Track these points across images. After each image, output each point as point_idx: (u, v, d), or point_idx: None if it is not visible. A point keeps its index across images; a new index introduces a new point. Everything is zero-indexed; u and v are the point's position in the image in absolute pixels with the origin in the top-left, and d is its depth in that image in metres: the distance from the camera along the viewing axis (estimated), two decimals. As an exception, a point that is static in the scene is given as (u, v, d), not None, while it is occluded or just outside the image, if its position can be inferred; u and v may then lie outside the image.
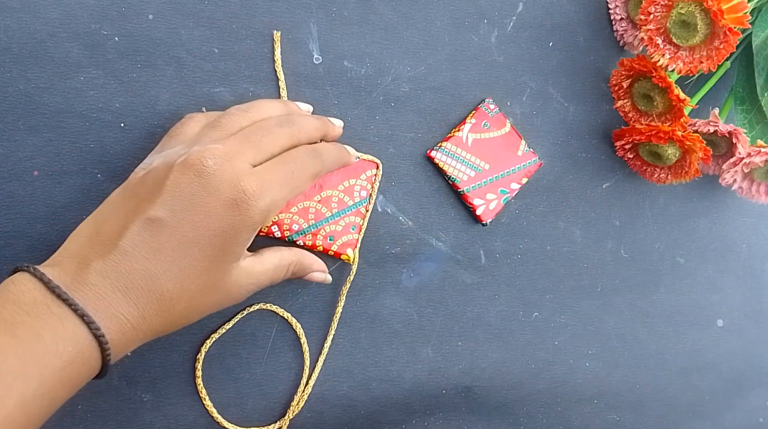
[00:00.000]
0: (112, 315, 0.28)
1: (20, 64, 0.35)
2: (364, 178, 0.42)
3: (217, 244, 0.30)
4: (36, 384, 0.25)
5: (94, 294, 0.28)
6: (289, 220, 0.40)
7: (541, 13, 0.48)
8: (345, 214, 0.42)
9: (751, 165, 0.47)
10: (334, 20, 0.42)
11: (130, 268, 0.29)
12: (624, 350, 0.54)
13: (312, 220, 0.40)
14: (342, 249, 0.42)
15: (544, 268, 0.50)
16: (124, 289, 0.28)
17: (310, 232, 0.41)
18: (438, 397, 0.47)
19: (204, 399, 0.40)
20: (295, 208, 0.40)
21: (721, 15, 0.39)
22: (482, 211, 0.46)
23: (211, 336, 0.40)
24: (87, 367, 0.27)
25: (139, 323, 0.29)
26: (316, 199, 0.41)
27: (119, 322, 0.28)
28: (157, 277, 0.29)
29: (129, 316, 0.28)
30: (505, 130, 0.47)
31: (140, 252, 0.29)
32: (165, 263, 0.29)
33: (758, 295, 0.61)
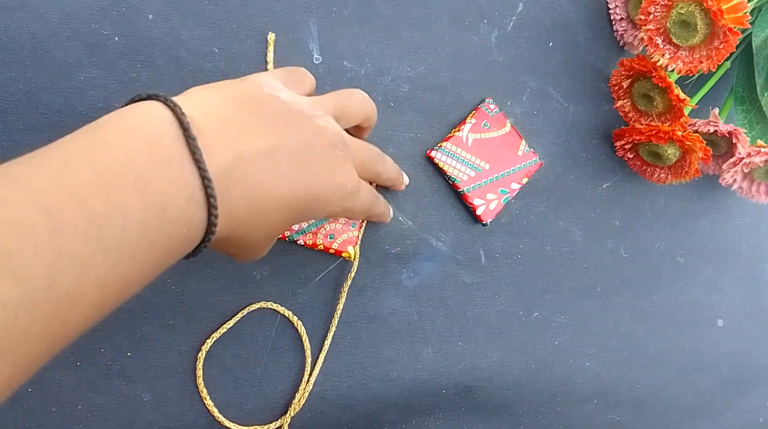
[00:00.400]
0: (229, 210, 0.26)
1: (20, 63, 0.35)
2: None
3: (309, 205, 0.30)
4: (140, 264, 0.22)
5: (223, 176, 0.25)
6: None
7: (541, 13, 0.48)
8: None
9: (751, 165, 0.47)
10: (334, 20, 0.42)
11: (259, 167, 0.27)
12: (624, 350, 0.54)
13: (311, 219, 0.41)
14: (342, 246, 0.42)
15: (544, 268, 0.50)
16: (247, 189, 0.26)
17: (310, 232, 0.41)
18: (438, 396, 0.47)
19: (205, 399, 0.40)
20: None
21: (720, 15, 0.39)
22: (482, 211, 0.46)
23: (211, 335, 0.40)
24: (183, 251, 0.25)
25: (237, 228, 0.27)
26: None
27: (230, 218, 0.26)
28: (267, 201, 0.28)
29: (238, 217, 0.27)
30: (505, 130, 0.47)
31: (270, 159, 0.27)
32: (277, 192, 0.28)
33: (758, 295, 0.61)
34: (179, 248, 0.24)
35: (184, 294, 0.40)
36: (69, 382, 0.38)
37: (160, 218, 0.22)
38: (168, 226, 0.23)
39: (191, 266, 0.40)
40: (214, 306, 0.41)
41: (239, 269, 0.41)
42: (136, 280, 0.23)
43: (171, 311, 0.40)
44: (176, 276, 0.39)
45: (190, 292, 0.40)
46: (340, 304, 0.43)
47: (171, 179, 0.23)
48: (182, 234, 0.24)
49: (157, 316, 0.39)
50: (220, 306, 0.41)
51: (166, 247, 0.23)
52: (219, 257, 0.40)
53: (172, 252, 0.24)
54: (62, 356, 0.37)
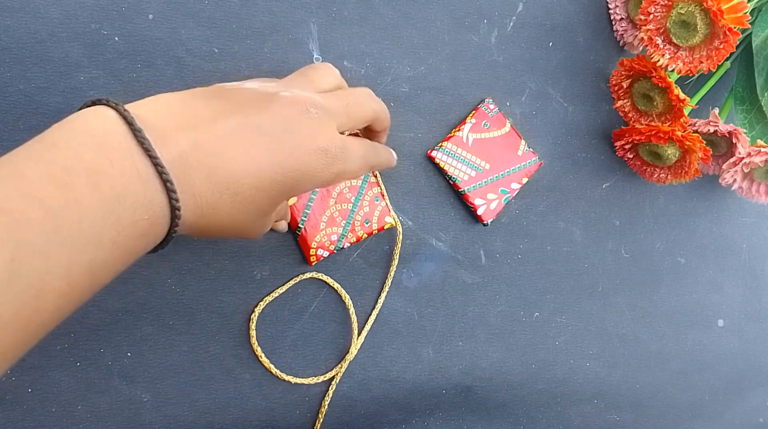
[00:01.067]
0: (192, 194, 0.26)
1: (20, 63, 0.35)
2: None
3: (296, 180, 0.30)
4: (107, 252, 0.23)
5: (181, 163, 0.25)
6: (325, 237, 0.41)
7: (541, 13, 0.48)
8: (362, 193, 0.42)
9: (751, 165, 0.47)
10: (334, 20, 0.42)
11: (222, 152, 0.27)
12: (624, 350, 0.54)
13: (341, 221, 0.41)
14: (381, 222, 0.43)
15: (544, 268, 0.50)
16: (210, 172, 0.26)
17: (348, 232, 0.42)
18: (438, 396, 0.47)
19: (260, 357, 0.41)
20: (322, 223, 0.41)
21: (721, 15, 0.39)
22: (483, 210, 0.46)
23: (264, 298, 0.41)
24: (153, 239, 0.25)
25: (209, 213, 0.27)
26: (332, 202, 0.41)
27: (196, 202, 0.26)
28: (240, 176, 0.27)
29: (205, 200, 0.26)
30: (505, 130, 0.47)
31: (234, 140, 0.27)
32: (252, 168, 0.28)
33: (758, 295, 0.61)
34: (148, 235, 0.25)
35: (184, 294, 0.40)
36: (69, 383, 0.37)
37: (118, 207, 0.23)
38: (128, 214, 0.23)
39: (191, 266, 0.40)
40: (214, 306, 0.41)
41: (239, 269, 0.41)
42: (106, 267, 0.23)
43: (171, 311, 0.40)
44: (176, 276, 0.39)
45: (190, 292, 0.40)
46: (393, 267, 0.44)
47: (123, 170, 0.23)
48: (145, 220, 0.24)
49: (157, 317, 0.39)
50: (220, 306, 0.41)
51: (131, 234, 0.24)
52: (219, 257, 0.40)
53: (140, 239, 0.24)
54: (62, 356, 0.37)
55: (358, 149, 0.34)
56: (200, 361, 0.40)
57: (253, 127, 0.28)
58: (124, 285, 0.38)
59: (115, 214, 0.23)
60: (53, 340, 0.37)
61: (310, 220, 0.41)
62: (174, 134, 0.26)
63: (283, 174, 0.29)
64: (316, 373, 0.43)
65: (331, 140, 0.31)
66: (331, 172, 0.32)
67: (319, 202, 0.41)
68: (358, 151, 0.34)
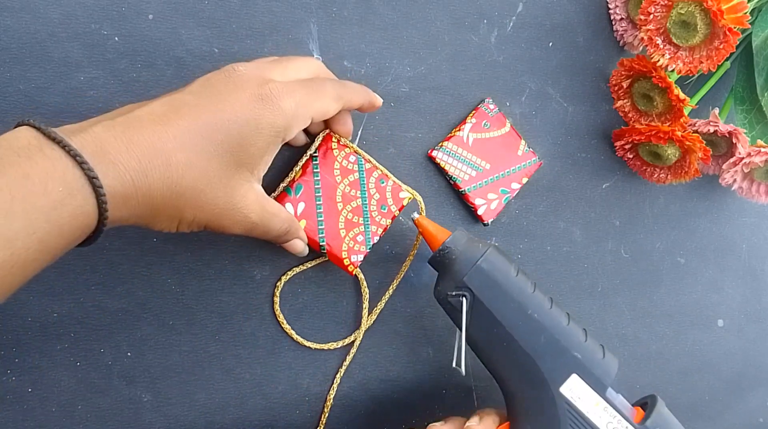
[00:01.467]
0: (110, 162, 0.26)
1: (20, 63, 0.35)
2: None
3: (235, 134, 0.30)
4: (21, 221, 0.24)
5: (93, 140, 0.26)
6: (351, 242, 0.40)
7: (541, 13, 0.48)
8: (365, 183, 0.41)
9: (751, 165, 0.47)
10: (334, 20, 0.42)
11: (139, 126, 0.28)
12: (624, 350, 0.54)
13: (359, 219, 0.40)
14: (398, 201, 0.41)
15: (544, 268, 0.50)
16: (127, 142, 0.27)
17: (370, 226, 0.41)
18: (438, 396, 0.47)
19: (282, 323, 0.42)
20: (341, 231, 0.40)
21: (720, 15, 0.40)
22: (484, 210, 0.46)
23: (287, 273, 0.42)
24: (81, 212, 0.26)
25: (140, 179, 0.27)
26: (340, 206, 0.40)
27: (117, 170, 0.27)
28: (167, 143, 0.28)
29: (128, 167, 0.27)
30: (505, 130, 0.47)
31: (155, 119, 0.28)
32: (179, 136, 0.28)
33: (758, 295, 0.61)
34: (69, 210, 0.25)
35: (184, 294, 0.40)
36: (69, 383, 0.38)
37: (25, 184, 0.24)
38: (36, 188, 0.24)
39: (191, 266, 0.40)
40: (214, 306, 0.41)
41: (239, 269, 0.41)
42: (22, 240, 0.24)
43: (171, 311, 0.40)
44: (176, 276, 0.39)
45: (190, 292, 0.40)
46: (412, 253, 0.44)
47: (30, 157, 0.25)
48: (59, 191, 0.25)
49: (157, 317, 0.39)
50: (220, 306, 0.41)
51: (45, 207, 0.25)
52: (219, 257, 0.40)
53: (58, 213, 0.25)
54: (62, 356, 0.37)
55: (308, 84, 0.34)
56: (200, 361, 0.41)
57: (171, 102, 0.29)
58: (124, 285, 0.38)
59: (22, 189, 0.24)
60: (53, 340, 0.37)
61: (328, 233, 0.40)
62: (89, 126, 0.27)
63: (217, 128, 0.30)
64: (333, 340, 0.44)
65: (263, 85, 0.31)
66: (279, 113, 0.31)
67: (328, 213, 0.40)
68: (309, 85, 0.34)
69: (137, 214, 0.28)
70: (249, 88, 0.31)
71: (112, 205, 0.27)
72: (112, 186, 0.26)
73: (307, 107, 0.33)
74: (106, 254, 0.38)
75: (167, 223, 0.31)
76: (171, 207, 0.29)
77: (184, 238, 0.39)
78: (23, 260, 0.24)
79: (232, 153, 0.30)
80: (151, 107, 0.29)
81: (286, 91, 0.32)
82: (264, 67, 0.33)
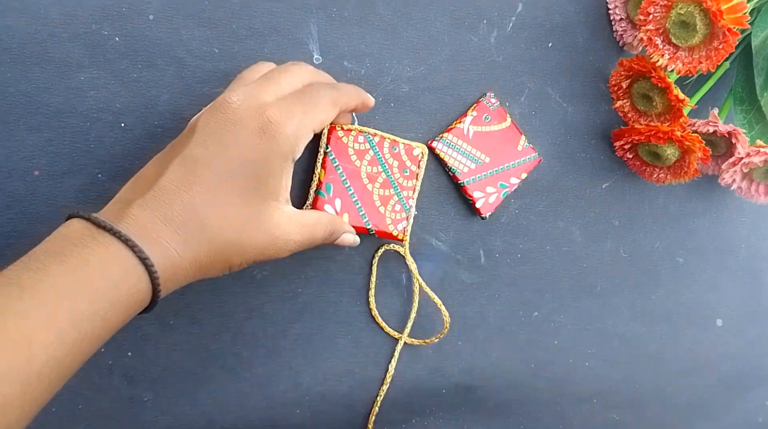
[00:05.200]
0: (154, 240, 0.29)
1: (21, 64, 0.35)
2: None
3: (251, 174, 0.32)
4: (86, 303, 0.26)
5: (135, 223, 0.29)
6: (392, 213, 0.42)
7: (541, 13, 0.48)
8: (381, 156, 0.42)
9: (750, 165, 0.47)
10: (334, 20, 0.42)
11: (168, 199, 0.30)
12: (624, 350, 0.54)
13: (390, 191, 0.42)
14: (413, 159, 0.43)
15: (543, 268, 0.50)
16: (163, 218, 0.30)
17: (401, 192, 0.42)
18: (438, 396, 0.47)
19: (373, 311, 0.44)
20: (380, 208, 0.41)
21: (720, 15, 0.40)
22: (482, 204, 0.46)
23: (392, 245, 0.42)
24: (137, 290, 0.28)
25: (183, 250, 0.30)
26: (370, 187, 0.41)
27: (162, 247, 0.29)
28: (196, 206, 0.30)
29: (171, 241, 0.29)
30: (506, 125, 0.47)
31: (177, 186, 0.30)
32: (203, 194, 0.31)
33: (757, 295, 0.61)
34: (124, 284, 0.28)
35: (185, 294, 0.40)
36: (69, 382, 0.37)
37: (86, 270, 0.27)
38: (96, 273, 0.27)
39: (192, 266, 0.40)
40: (215, 306, 0.41)
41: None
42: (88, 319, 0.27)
43: (171, 311, 0.40)
44: (177, 276, 0.40)
45: (190, 292, 0.40)
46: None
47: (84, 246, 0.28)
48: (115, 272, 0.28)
49: (158, 316, 0.39)
50: (220, 306, 0.41)
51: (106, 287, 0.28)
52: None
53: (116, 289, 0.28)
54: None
55: (303, 101, 0.34)
56: (201, 360, 0.41)
57: (185, 162, 0.31)
58: (124, 285, 0.38)
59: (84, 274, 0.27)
60: (54, 339, 0.37)
61: (370, 216, 0.41)
62: (128, 207, 0.30)
63: (234, 175, 0.31)
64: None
65: (258, 117, 0.32)
66: (284, 139, 0.33)
67: (362, 198, 0.41)
68: (304, 102, 0.34)
69: (189, 276, 0.31)
70: (248, 123, 0.32)
71: (163, 278, 0.29)
72: (160, 262, 0.29)
73: (307, 124, 0.34)
74: (107, 254, 0.38)
75: (219, 271, 0.33)
76: (218, 261, 0.32)
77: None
78: (90, 337, 0.27)
79: (254, 192, 0.32)
80: (169, 175, 0.31)
81: (284, 115, 0.33)
82: (258, 91, 0.34)
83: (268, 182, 0.33)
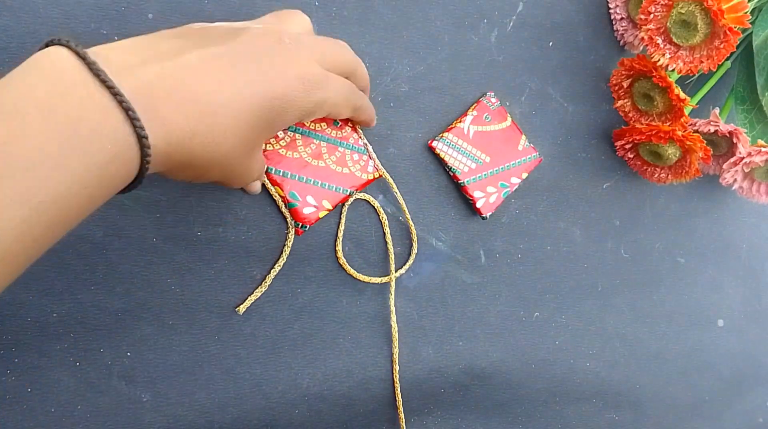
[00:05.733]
0: (161, 120, 0.25)
1: (20, 63, 0.35)
2: None
3: (276, 110, 0.30)
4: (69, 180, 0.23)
5: (145, 92, 0.25)
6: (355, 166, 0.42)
7: (541, 12, 0.48)
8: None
9: (751, 165, 0.47)
10: (333, 20, 0.42)
11: (194, 80, 0.26)
12: (624, 350, 0.54)
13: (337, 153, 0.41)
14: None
15: (544, 268, 0.50)
16: (180, 99, 0.26)
17: None
18: (437, 396, 0.47)
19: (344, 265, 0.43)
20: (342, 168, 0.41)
21: (721, 15, 0.39)
22: (482, 203, 0.46)
23: None
24: (126, 170, 0.25)
25: (185, 140, 0.26)
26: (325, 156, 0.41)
27: (165, 129, 0.25)
28: (216, 104, 0.27)
29: (177, 126, 0.26)
30: (506, 124, 0.47)
31: (208, 69, 0.27)
32: (230, 95, 0.28)
33: (758, 295, 0.61)
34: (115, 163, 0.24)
35: (184, 294, 0.40)
36: (69, 382, 0.38)
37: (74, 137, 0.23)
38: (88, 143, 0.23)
39: (191, 266, 0.40)
40: (214, 306, 0.41)
41: (239, 269, 0.41)
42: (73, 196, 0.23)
43: (171, 311, 0.40)
44: (176, 276, 0.39)
45: (190, 292, 0.40)
46: None
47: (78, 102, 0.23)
48: (108, 148, 0.24)
49: (157, 317, 0.39)
50: (220, 306, 0.41)
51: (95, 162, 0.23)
52: (219, 257, 0.40)
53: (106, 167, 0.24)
54: (62, 356, 0.37)
55: (342, 85, 0.34)
56: (200, 361, 0.41)
57: (225, 57, 0.28)
58: (123, 285, 0.38)
59: (71, 143, 0.22)
60: (53, 340, 0.37)
61: (341, 183, 0.41)
62: (137, 67, 0.25)
63: (261, 101, 0.29)
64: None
65: (308, 67, 0.31)
66: (311, 100, 0.32)
67: (323, 176, 0.40)
68: (342, 86, 0.34)
69: (170, 168, 0.28)
70: (298, 66, 0.31)
71: (154, 162, 0.26)
72: (159, 146, 0.26)
73: (330, 105, 0.34)
74: (106, 254, 0.38)
75: (190, 177, 0.30)
76: (201, 167, 0.29)
77: (184, 238, 0.39)
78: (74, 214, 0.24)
79: (265, 126, 0.30)
80: (202, 53, 0.27)
81: (323, 83, 0.32)
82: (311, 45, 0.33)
83: (278, 124, 0.31)
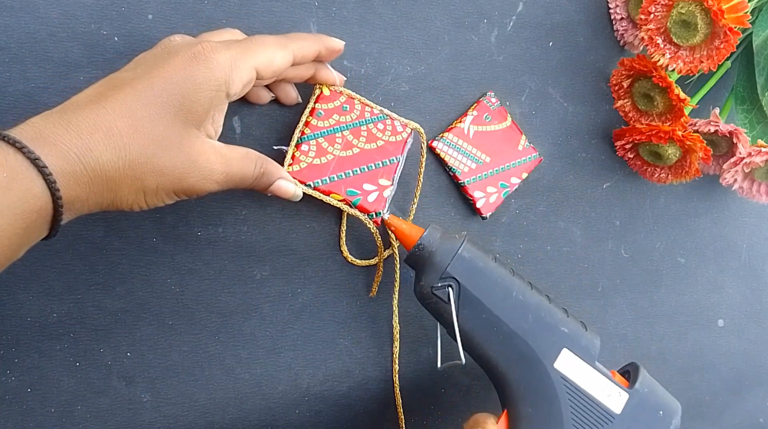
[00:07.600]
0: (51, 143, 0.27)
1: (20, 63, 0.35)
2: None
3: (175, 94, 0.30)
4: None
5: (31, 128, 0.27)
6: None
7: (541, 12, 0.48)
8: None
9: (751, 165, 0.47)
10: (334, 20, 0.42)
11: (77, 109, 0.28)
12: (625, 350, 0.54)
13: None
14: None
15: (544, 268, 0.50)
16: (66, 124, 0.27)
17: None
18: (437, 396, 0.47)
19: None
20: None
21: (721, 15, 0.39)
22: (482, 203, 0.46)
23: None
24: (31, 195, 0.26)
25: (85, 154, 0.27)
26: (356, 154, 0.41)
27: (59, 149, 0.27)
28: (105, 114, 0.28)
29: (70, 144, 0.27)
30: (506, 124, 0.47)
31: (91, 100, 0.29)
32: (116, 108, 0.29)
33: (759, 295, 0.61)
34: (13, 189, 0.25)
35: (184, 294, 0.40)
36: (68, 383, 0.38)
37: None
38: None
39: (191, 266, 0.40)
40: (214, 306, 0.41)
41: (239, 269, 0.41)
42: None
43: (171, 311, 0.40)
44: (176, 276, 0.39)
45: (190, 292, 0.40)
46: None
47: None
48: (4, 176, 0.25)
49: (157, 317, 0.39)
50: (220, 306, 0.41)
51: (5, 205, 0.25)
52: (219, 257, 0.40)
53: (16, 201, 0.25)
54: (62, 356, 0.37)
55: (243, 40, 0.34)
56: (200, 361, 0.41)
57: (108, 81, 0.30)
58: (123, 285, 0.38)
59: None
60: (53, 340, 0.37)
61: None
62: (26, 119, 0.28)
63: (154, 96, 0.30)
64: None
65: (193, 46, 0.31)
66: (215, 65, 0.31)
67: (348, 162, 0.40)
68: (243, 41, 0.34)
69: (96, 191, 0.28)
70: (182, 51, 0.31)
71: (63, 184, 0.27)
72: (58, 165, 0.27)
73: (246, 58, 0.33)
74: (106, 254, 0.38)
75: (133, 196, 0.30)
76: (128, 177, 0.29)
77: (184, 238, 0.39)
78: None
79: (176, 114, 0.30)
80: (87, 91, 0.30)
81: (219, 46, 0.32)
82: (202, 36, 0.34)
83: (193, 107, 0.31)
